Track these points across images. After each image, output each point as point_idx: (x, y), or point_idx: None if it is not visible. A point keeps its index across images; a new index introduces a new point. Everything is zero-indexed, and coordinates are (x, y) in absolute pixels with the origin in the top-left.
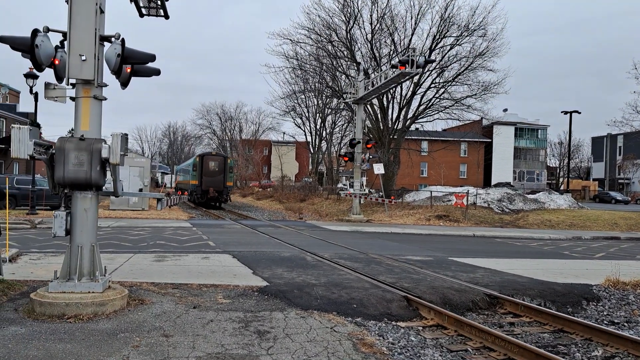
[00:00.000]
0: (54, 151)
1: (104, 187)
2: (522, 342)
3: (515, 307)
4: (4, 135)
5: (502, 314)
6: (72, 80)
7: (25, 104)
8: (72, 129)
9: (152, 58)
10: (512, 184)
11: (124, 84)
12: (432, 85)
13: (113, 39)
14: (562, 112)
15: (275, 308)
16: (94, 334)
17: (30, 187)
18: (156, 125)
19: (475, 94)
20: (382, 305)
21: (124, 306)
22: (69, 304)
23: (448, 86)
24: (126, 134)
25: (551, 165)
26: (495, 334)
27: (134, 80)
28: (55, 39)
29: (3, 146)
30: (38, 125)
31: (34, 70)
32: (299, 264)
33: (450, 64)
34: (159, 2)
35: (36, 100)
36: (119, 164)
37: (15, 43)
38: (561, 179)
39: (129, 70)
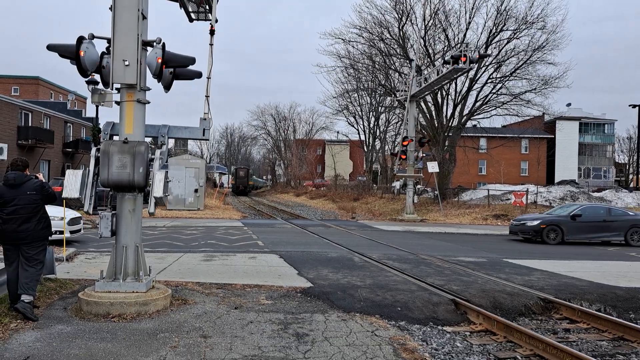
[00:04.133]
0: (99, 154)
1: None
2: (575, 351)
3: (572, 313)
4: (71, 140)
5: (557, 319)
6: (117, 85)
7: (91, 110)
8: None
9: (192, 61)
10: (576, 181)
11: (167, 87)
12: (489, 80)
13: (155, 44)
14: (630, 105)
15: (317, 310)
16: (135, 334)
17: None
18: (214, 127)
19: (535, 89)
20: (428, 309)
21: (166, 306)
22: (114, 303)
23: (506, 81)
24: (166, 170)
25: (620, 162)
26: (546, 341)
27: (190, 84)
28: (101, 46)
29: (70, 150)
30: (99, 130)
31: (95, 77)
32: (345, 265)
33: (508, 58)
34: (208, 7)
35: (97, 106)
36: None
37: (62, 51)
38: (631, 176)
39: (170, 73)
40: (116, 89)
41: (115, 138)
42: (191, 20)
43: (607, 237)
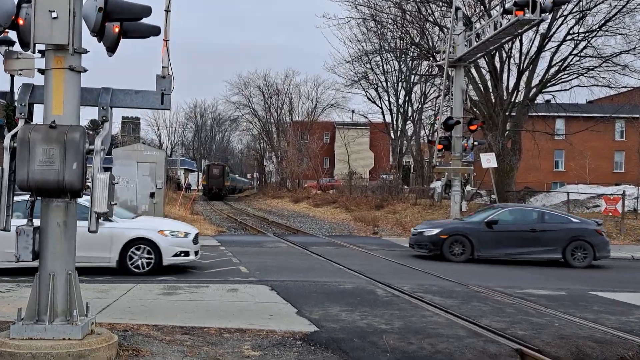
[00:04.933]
0: (15, 144)
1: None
2: None
3: None
4: None
5: None
6: (41, 47)
7: (4, 81)
8: None
9: (147, 11)
10: None
11: (111, 49)
12: (569, 36)
13: None
14: None
15: None
16: None
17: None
18: (178, 104)
19: (635, 49)
20: None
21: (111, 358)
22: (37, 355)
23: (592, 38)
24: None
25: None
26: None
27: (143, 44)
28: None
29: None
30: (14, 110)
31: (9, 35)
32: (364, 300)
33: (595, 5)
34: None
35: (12, 75)
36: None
37: None
38: None
39: (116, 29)
40: (39, 51)
41: (39, 119)
42: None
43: (537, 253)
